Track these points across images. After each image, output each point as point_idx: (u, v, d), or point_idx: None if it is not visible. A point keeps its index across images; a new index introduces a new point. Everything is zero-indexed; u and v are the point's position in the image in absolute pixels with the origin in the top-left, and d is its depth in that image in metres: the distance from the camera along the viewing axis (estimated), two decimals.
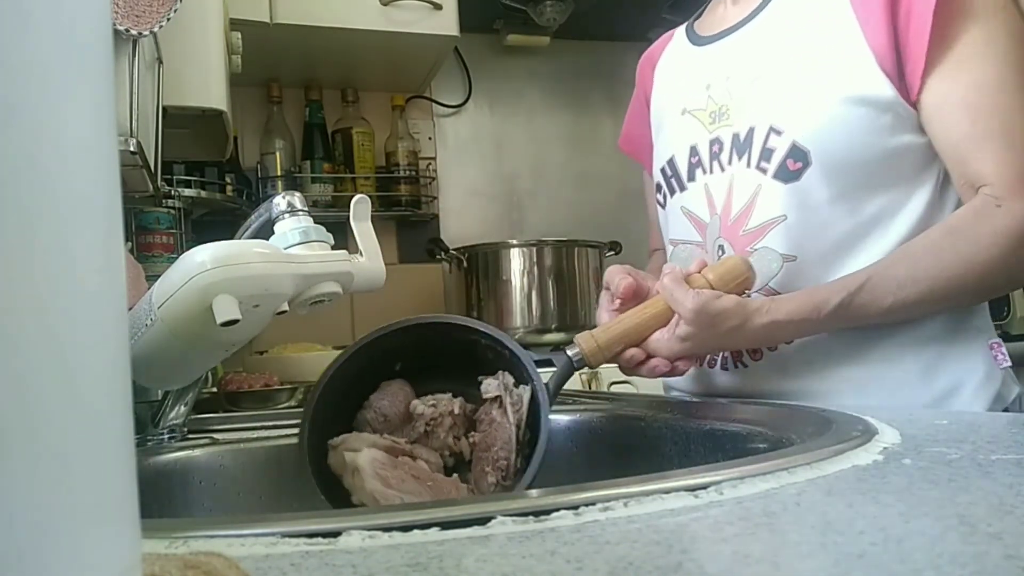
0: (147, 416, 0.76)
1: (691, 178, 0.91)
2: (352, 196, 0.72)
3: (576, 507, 0.36)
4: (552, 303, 1.76)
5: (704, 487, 0.38)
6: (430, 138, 2.12)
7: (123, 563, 0.19)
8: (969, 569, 0.25)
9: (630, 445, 0.77)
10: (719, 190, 0.87)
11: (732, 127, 0.86)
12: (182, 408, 0.76)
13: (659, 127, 1.00)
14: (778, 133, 0.81)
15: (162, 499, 0.72)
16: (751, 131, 0.84)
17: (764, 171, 0.82)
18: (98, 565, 0.18)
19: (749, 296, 0.77)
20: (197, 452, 0.75)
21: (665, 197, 0.96)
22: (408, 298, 1.97)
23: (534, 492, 0.39)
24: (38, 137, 0.17)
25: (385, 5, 1.65)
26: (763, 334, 0.76)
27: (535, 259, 1.78)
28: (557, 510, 0.36)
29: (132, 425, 0.21)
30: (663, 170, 0.95)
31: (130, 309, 0.63)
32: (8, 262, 0.16)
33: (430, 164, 2.06)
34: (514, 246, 1.80)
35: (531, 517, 0.35)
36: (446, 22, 1.70)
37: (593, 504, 0.36)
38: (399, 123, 2.00)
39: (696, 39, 0.98)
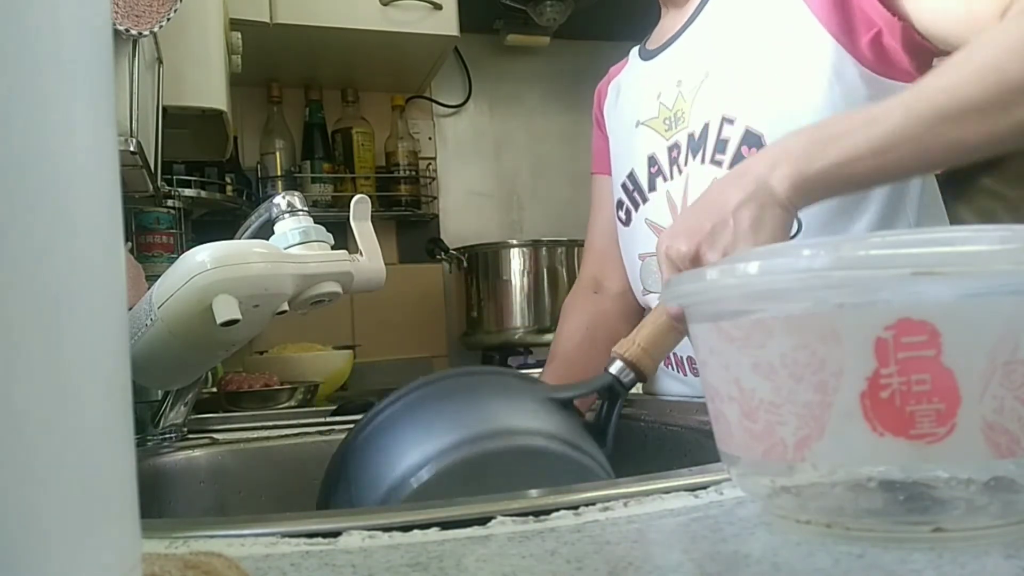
0: (147, 416, 0.76)
1: (652, 188, 0.90)
2: (352, 196, 0.72)
3: (576, 507, 0.36)
4: (552, 303, 1.76)
5: (704, 487, 0.38)
6: (430, 138, 2.12)
7: (123, 563, 0.19)
8: (969, 569, 0.25)
9: (630, 445, 0.77)
10: (678, 194, 0.85)
11: (688, 128, 0.85)
12: (182, 408, 0.77)
13: (615, 145, 0.99)
14: (730, 122, 0.80)
15: (162, 499, 0.72)
16: (706, 127, 0.83)
17: (719, 164, 0.80)
18: (98, 565, 0.18)
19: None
20: (197, 452, 0.75)
21: (628, 213, 0.94)
22: (408, 298, 1.97)
23: (534, 492, 0.39)
24: (38, 137, 0.17)
25: (385, 5, 1.64)
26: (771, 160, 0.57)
27: (535, 259, 1.78)
28: (557, 510, 0.36)
29: (132, 425, 0.21)
30: (624, 185, 0.94)
31: (130, 309, 0.63)
32: (8, 262, 0.16)
33: (430, 164, 2.06)
34: (514, 246, 1.79)
35: (531, 517, 0.35)
36: (446, 22, 1.70)
37: (593, 504, 0.36)
38: (399, 123, 2.00)
39: (646, 54, 0.99)
